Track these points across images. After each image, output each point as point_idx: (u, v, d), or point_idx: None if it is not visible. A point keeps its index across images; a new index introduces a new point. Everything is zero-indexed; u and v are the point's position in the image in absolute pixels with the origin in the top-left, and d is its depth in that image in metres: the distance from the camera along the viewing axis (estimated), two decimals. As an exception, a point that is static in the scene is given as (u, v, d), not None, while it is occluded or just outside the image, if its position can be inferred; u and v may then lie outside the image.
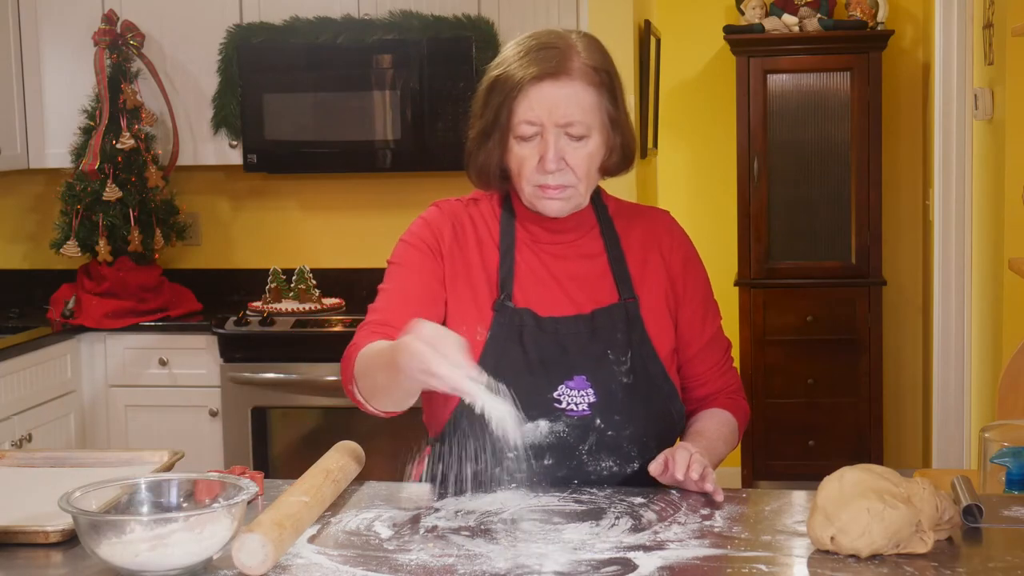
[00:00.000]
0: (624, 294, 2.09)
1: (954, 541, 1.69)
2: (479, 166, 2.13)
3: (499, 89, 2.04)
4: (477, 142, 2.12)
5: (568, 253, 2.12)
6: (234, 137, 4.49)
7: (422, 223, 2.17)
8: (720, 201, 5.61)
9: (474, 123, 2.13)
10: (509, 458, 2.03)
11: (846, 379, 5.39)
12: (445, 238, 2.13)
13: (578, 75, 2.01)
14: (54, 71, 4.57)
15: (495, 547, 1.71)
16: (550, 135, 2.00)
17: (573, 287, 2.10)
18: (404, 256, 2.13)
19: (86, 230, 4.38)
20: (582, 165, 2.03)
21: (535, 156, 2.02)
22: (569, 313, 2.08)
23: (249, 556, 1.60)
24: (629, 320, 2.08)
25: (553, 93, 2.00)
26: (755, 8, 5.38)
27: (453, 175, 4.62)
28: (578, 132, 2.01)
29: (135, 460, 2.10)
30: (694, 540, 1.72)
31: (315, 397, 4.17)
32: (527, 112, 2.01)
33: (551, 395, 2.02)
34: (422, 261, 2.11)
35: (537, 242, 2.12)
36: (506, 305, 2.06)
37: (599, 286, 2.10)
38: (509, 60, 2.05)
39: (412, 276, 2.10)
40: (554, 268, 2.11)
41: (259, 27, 4.43)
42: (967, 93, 4.47)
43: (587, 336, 2.06)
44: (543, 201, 2.05)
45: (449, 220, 2.15)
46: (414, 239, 2.14)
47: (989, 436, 2.10)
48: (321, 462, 1.95)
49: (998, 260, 3.87)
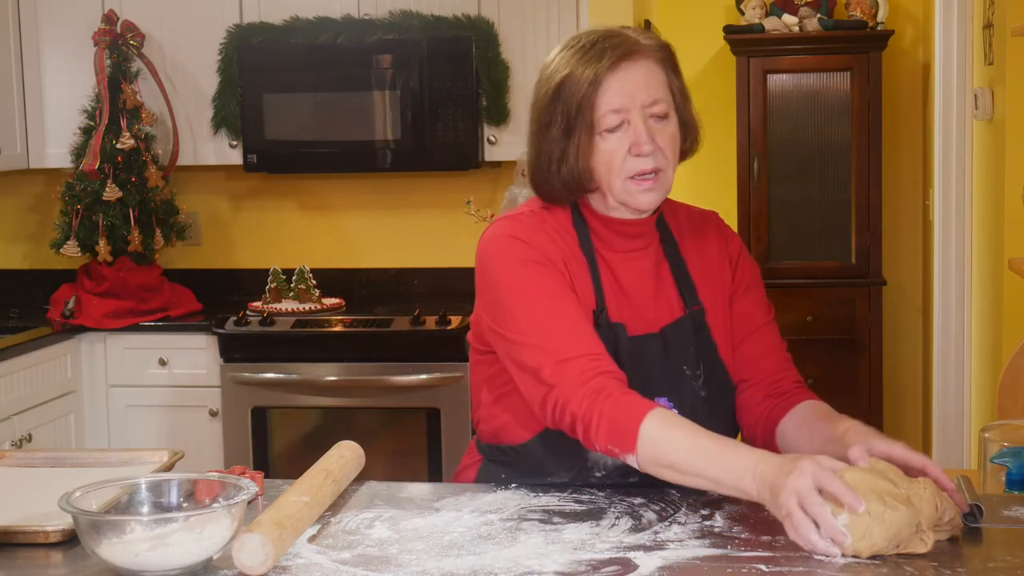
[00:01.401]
0: (689, 303, 2.07)
1: (955, 541, 1.69)
2: (567, 175, 2.01)
3: (571, 88, 1.98)
4: (555, 153, 2.01)
5: (635, 262, 2.07)
6: (234, 137, 4.49)
7: (510, 242, 2.01)
8: (720, 201, 5.60)
9: (540, 135, 2.03)
10: (596, 477, 2.02)
11: (846, 379, 5.39)
12: (542, 246, 2.01)
13: (648, 54, 2.00)
14: (54, 71, 4.57)
15: (495, 547, 1.71)
16: (637, 118, 1.97)
17: (643, 301, 2.06)
18: (531, 276, 1.97)
19: (86, 230, 4.38)
20: (669, 146, 2.01)
21: (624, 145, 1.98)
22: (643, 331, 2.03)
23: (249, 556, 1.60)
24: (697, 331, 2.06)
25: (632, 76, 1.98)
26: (755, 8, 5.37)
27: (453, 175, 4.64)
28: (662, 110, 2.00)
29: (135, 460, 2.10)
30: (694, 540, 1.72)
31: (315, 397, 4.18)
32: (612, 101, 1.97)
33: None
34: (554, 275, 1.98)
35: (611, 250, 2.05)
36: (607, 319, 2.01)
37: (666, 297, 2.07)
38: (568, 62, 1.99)
39: (567, 300, 1.96)
40: (625, 282, 2.06)
41: (259, 27, 4.43)
42: (967, 93, 4.47)
43: (661, 354, 2.03)
44: (637, 194, 2.00)
45: (531, 227, 2.03)
46: (526, 261, 1.98)
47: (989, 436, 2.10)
48: (321, 462, 1.95)
49: (998, 260, 3.87)
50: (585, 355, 1.90)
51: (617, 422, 1.84)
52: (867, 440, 1.82)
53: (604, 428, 1.85)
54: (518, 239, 2.01)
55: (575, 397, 1.87)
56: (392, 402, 4.14)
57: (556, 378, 1.90)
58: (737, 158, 5.38)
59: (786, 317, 5.39)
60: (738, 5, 5.44)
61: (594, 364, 1.89)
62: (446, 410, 4.08)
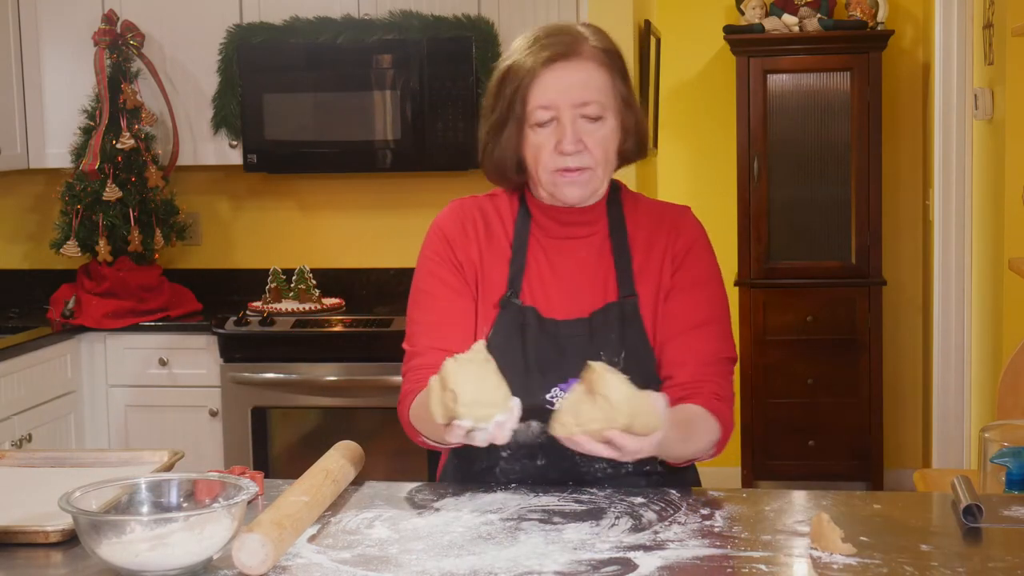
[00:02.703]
0: (624, 291, 2.08)
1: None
2: (495, 160, 2.10)
3: (511, 79, 2.03)
4: (491, 136, 2.09)
5: (576, 249, 2.10)
6: (234, 137, 4.49)
7: (435, 233, 2.16)
8: (720, 201, 5.61)
9: (486, 118, 2.11)
10: (503, 457, 2.04)
11: (846, 379, 5.39)
12: (458, 243, 2.12)
13: (589, 56, 2.02)
14: (54, 71, 4.57)
15: (495, 547, 1.71)
16: (566, 117, 2.00)
17: (577, 288, 2.08)
18: (426, 280, 2.15)
19: (86, 230, 4.38)
20: (599, 147, 2.02)
21: (551, 141, 2.01)
22: (571, 316, 2.06)
23: (249, 556, 1.60)
24: (625, 319, 2.06)
25: (566, 75, 2.00)
26: (755, 8, 5.38)
27: (453, 175, 4.63)
28: (594, 112, 2.01)
29: (135, 460, 2.10)
30: (694, 540, 1.72)
31: (315, 397, 4.18)
32: (542, 96, 2.00)
33: (544, 396, 2.01)
34: (444, 280, 2.12)
35: (549, 237, 2.11)
36: (512, 302, 2.07)
37: (602, 285, 2.09)
38: (518, 51, 2.05)
39: (439, 303, 2.11)
40: (561, 268, 2.10)
41: (259, 27, 4.43)
42: (967, 93, 4.47)
43: (585, 339, 2.05)
44: (562, 187, 2.04)
45: (460, 220, 2.14)
46: (432, 256, 2.15)
47: (989, 436, 2.10)
48: (321, 462, 1.95)
49: (998, 260, 3.87)
50: (419, 366, 2.07)
51: (402, 417, 2.09)
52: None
53: (401, 423, 2.09)
54: (436, 231, 2.16)
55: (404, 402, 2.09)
56: (392, 402, 4.07)
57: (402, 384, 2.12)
58: (737, 158, 5.38)
59: (786, 317, 5.42)
60: (738, 5, 5.44)
61: (421, 374, 2.03)
62: (446, 410, 4.08)
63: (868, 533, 1.73)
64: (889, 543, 1.69)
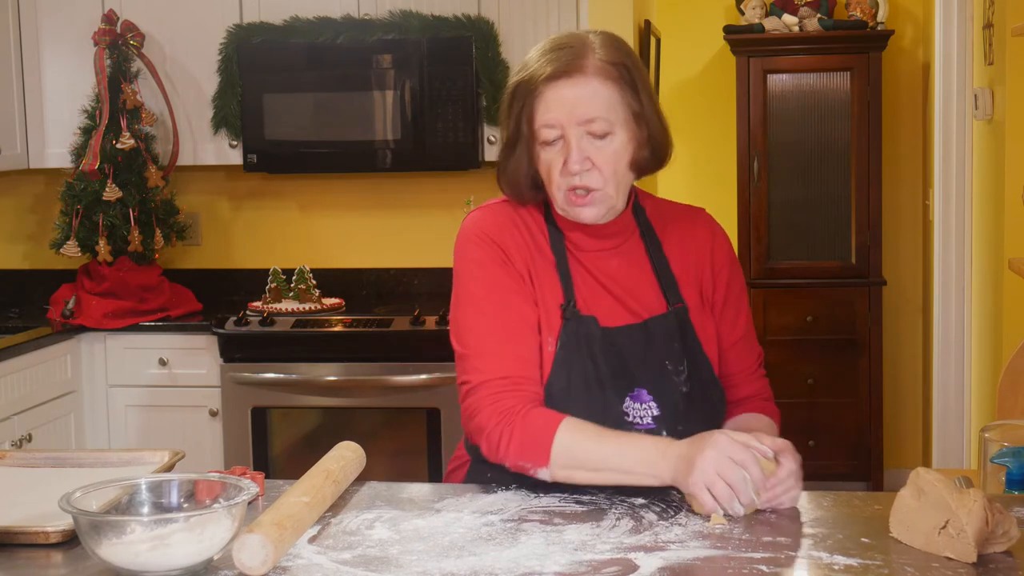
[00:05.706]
0: (672, 300, 2.07)
1: (1010, 555, 1.64)
2: (509, 177, 2.07)
3: (519, 95, 2.01)
4: (505, 153, 2.06)
5: (612, 260, 2.08)
6: (234, 137, 4.49)
7: (481, 238, 2.05)
8: (720, 201, 5.61)
9: (502, 133, 2.08)
10: None
11: (846, 379, 5.39)
12: (510, 247, 2.05)
13: (592, 72, 1.98)
14: (54, 71, 4.57)
15: (496, 548, 1.71)
16: (572, 135, 1.97)
17: (623, 294, 2.07)
18: (485, 285, 2.02)
19: (86, 230, 4.38)
20: (608, 164, 1.99)
21: (560, 159, 1.99)
22: (623, 323, 2.05)
23: (250, 556, 1.60)
24: (681, 327, 2.06)
25: (569, 92, 1.97)
26: (755, 8, 5.38)
27: (453, 175, 4.64)
28: (600, 129, 1.98)
29: (135, 460, 2.10)
30: (695, 541, 1.72)
31: (315, 397, 4.18)
32: (545, 114, 1.98)
33: (620, 409, 2.01)
34: (507, 286, 2.02)
35: (581, 250, 2.07)
36: (575, 312, 2.02)
37: (647, 293, 2.08)
38: (527, 65, 2.02)
39: (505, 310, 2.00)
40: (601, 276, 2.07)
41: (259, 27, 4.43)
42: (967, 93, 4.47)
43: (643, 346, 2.04)
44: (575, 209, 2.02)
45: (500, 225, 2.06)
46: (486, 262, 2.03)
47: (989, 436, 2.10)
48: (322, 462, 1.95)
49: (998, 260, 3.87)
50: (503, 377, 1.96)
51: (528, 438, 1.92)
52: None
53: (514, 446, 1.93)
54: (484, 236, 2.05)
55: (484, 415, 1.96)
56: (392, 402, 4.14)
57: (472, 395, 1.98)
58: (737, 158, 5.38)
59: (786, 317, 5.42)
60: (738, 5, 5.44)
61: (509, 385, 1.96)
62: (446, 410, 4.08)
63: (868, 533, 1.73)
64: (890, 543, 1.69)
